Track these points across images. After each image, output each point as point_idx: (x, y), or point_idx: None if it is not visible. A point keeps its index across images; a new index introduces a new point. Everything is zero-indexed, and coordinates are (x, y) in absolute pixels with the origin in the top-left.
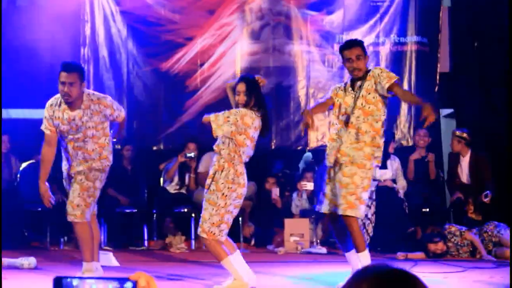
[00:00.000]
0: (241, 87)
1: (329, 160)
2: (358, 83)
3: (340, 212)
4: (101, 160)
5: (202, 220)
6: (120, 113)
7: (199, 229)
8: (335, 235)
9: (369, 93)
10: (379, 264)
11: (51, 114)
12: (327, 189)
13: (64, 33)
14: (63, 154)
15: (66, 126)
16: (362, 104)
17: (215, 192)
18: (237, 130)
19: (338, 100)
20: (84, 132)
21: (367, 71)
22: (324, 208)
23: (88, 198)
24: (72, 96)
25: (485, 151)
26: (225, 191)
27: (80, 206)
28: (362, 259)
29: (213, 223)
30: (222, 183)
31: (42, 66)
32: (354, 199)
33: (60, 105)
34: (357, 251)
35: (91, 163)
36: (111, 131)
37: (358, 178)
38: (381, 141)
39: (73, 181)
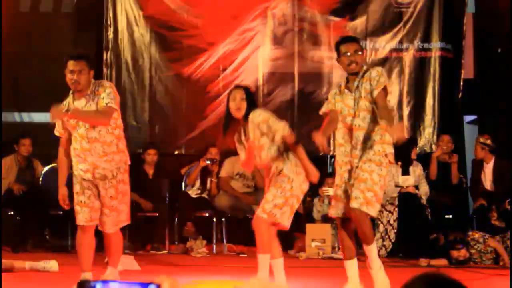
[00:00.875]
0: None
1: (339, 164)
2: (355, 83)
3: (355, 205)
4: (120, 153)
5: (264, 201)
6: (112, 101)
7: (259, 210)
8: (340, 240)
9: (368, 93)
10: (434, 273)
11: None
12: (340, 192)
13: (87, 37)
14: (77, 158)
15: (73, 121)
16: (365, 105)
17: (282, 177)
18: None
19: (338, 106)
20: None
21: (365, 71)
22: (337, 212)
23: (128, 202)
24: (81, 83)
25: (508, 158)
26: (291, 175)
27: (126, 209)
28: (373, 250)
29: (276, 204)
30: (288, 169)
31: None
32: (372, 195)
33: (68, 105)
34: (368, 243)
35: (112, 157)
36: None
37: (376, 175)
38: (391, 138)
39: (112, 192)
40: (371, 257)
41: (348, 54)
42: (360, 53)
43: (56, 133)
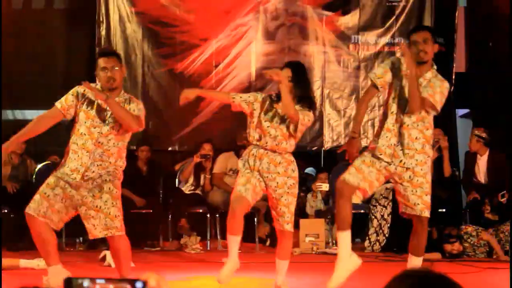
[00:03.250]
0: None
1: (381, 150)
2: (421, 79)
3: (417, 212)
4: (115, 165)
5: (289, 215)
6: (143, 117)
7: (289, 225)
8: (342, 208)
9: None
10: (420, 268)
11: (81, 92)
12: (366, 169)
13: (80, 34)
14: (72, 155)
15: (93, 112)
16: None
17: (295, 185)
18: None
19: (396, 87)
20: (111, 126)
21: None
22: (356, 180)
23: (121, 207)
24: (117, 80)
25: (500, 151)
26: (297, 177)
27: (118, 217)
28: (420, 264)
29: (293, 215)
30: (293, 174)
31: (58, 67)
32: (429, 199)
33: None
34: (420, 255)
35: (107, 166)
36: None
37: (429, 176)
38: (431, 152)
39: (98, 191)
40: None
41: (417, 43)
42: (429, 42)
43: (58, 104)
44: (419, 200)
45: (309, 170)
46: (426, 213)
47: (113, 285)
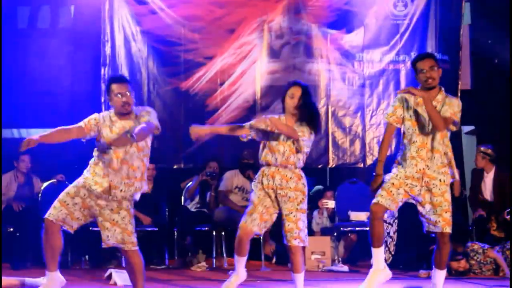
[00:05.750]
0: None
1: (413, 177)
2: (434, 103)
3: (439, 229)
4: (142, 181)
5: (296, 230)
6: (155, 121)
7: (296, 241)
8: (376, 228)
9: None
10: None
11: (99, 120)
12: (394, 190)
13: (85, 53)
14: (97, 169)
15: (115, 136)
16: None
17: (304, 200)
18: None
19: (411, 118)
20: (133, 144)
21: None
22: (387, 202)
23: (134, 224)
24: (131, 104)
25: (506, 168)
26: (306, 192)
27: (134, 233)
28: (443, 277)
29: (304, 230)
30: (304, 189)
31: (63, 86)
32: (449, 216)
33: (110, 118)
34: (444, 268)
35: (133, 182)
36: None
37: (448, 195)
38: (449, 174)
39: (117, 206)
40: (440, 283)
41: (424, 71)
42: (435, 68)
43: (82, 124)
44: (440, 218)
45: (315, 188)
46: (447, 229)
47: None
